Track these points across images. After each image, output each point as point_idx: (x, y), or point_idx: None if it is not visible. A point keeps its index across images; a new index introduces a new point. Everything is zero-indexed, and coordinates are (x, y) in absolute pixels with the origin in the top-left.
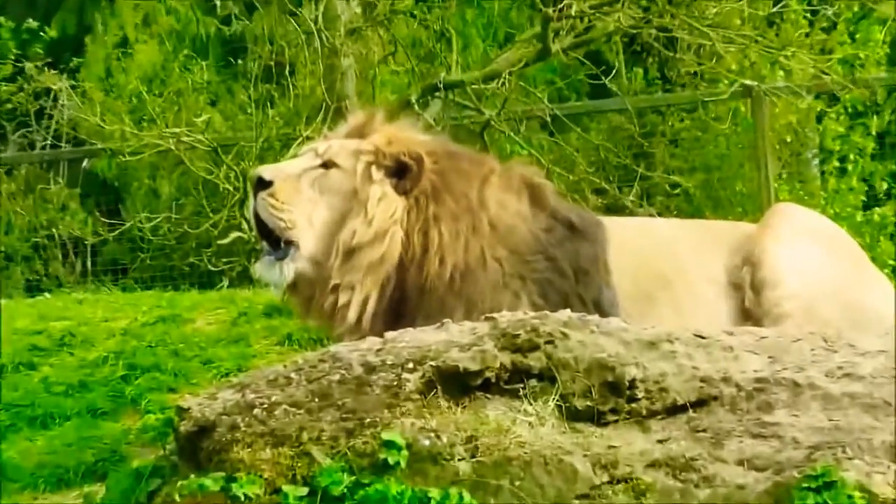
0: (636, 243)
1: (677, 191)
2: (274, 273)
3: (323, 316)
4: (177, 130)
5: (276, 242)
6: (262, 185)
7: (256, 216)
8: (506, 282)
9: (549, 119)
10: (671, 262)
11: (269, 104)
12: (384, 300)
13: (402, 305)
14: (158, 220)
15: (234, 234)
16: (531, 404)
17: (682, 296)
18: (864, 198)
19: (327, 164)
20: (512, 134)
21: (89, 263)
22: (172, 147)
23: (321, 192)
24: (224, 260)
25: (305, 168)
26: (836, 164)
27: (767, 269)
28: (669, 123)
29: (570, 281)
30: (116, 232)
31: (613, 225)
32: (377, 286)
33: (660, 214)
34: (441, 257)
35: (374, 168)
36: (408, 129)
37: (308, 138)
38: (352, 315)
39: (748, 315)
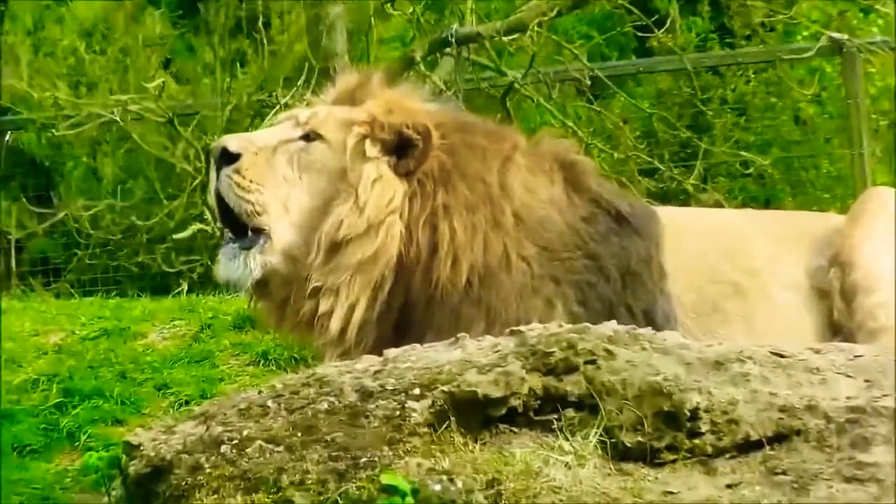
0: (699, 241)
1: (749, 170)
2: (236, 266)
3: (299, 325)
4: (123, 97)
5: (243, 231)
6: (227, 158)
7: (219, 198)
8: (536, 286)
9: (587, 82)
10: (743, 265)
11: (237, 64)
12: (375, 308)
13: (406, 317)
14: (99, 208)
15: (195, 227)
16: (568, 440)
17: (756, 306)
18: None
19: (310, 136)
20: (541, 100)
21: (13, 263)
22: (117, 118)
23: (301, 171)
24: (182, 259)
25: (282, 140)
26: None
27: (860, 273)
28: (732, 87)
29: (615, 285)
30: (47, 223)
31: (671, 217)
32: (367, 290)
33: (725, 201)
34: (454, 257)
35: (368, 142)
36: (411, 95)
37: (286, 106)
38: (334, 325)
39: (837, 328)
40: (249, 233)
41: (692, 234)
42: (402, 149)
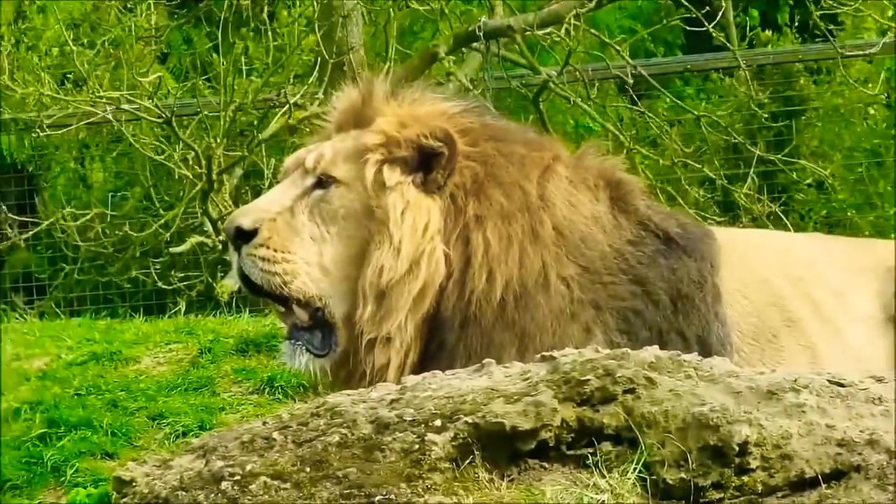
0: (759, 264)
1: (808, 180)
2: (303, 362)
3: (363, 381)
4: (114, 95)
5: (283, 301)
6: (244, 237)
7: (245, 279)
8: (574, 311)
9: (629, 81)
10: (807, 291)
11: (242, 58)
12: (425, 341)
13: (437, 339)
14: (88, 217)
15: (194, 240)
16: (604, 477)
17: (820, 336)
18: None
19: (323, 181)
20: (578, 101)
21: None
22: (109, 117)
23: (327, 224)
24: (180, 275)
25: (296, 196)
26: None
27: None
28: (797, 88)
29: (665, 311)
30: (30, 233)
31: (728, 239)
32: (420, 328)
33: (784, 214)
34: (489, 271)
35: (386, 168)
36: (425, 100)
37: (296, 105)
38: (391, 375)
39: None
40: (294, 308)
41: (756, 258)
42: (426, 162)
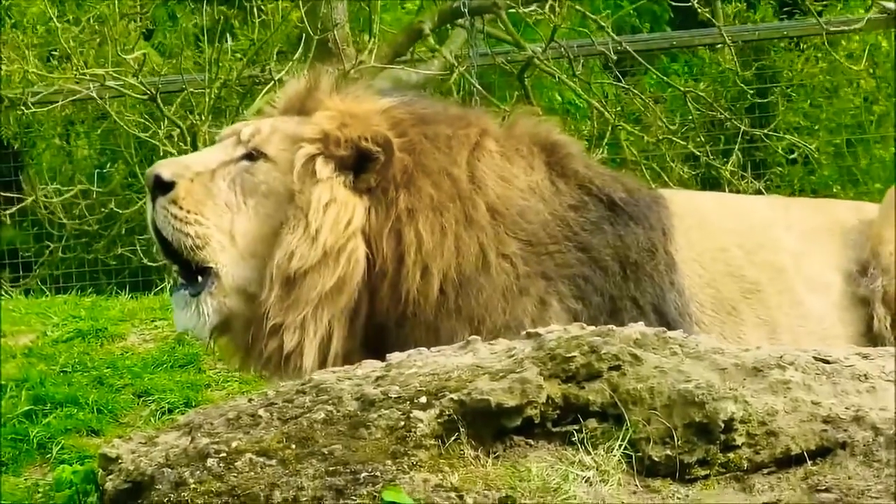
0: (716, 231)
1: (793, 155)
2: (189, 315)
3: (268, 365)
4: (99, 72)
5: (190, 267)
6: (162, 187)
7: (157, 231)
8: (522, 285)
9: (614, 57)
10: (765, 259)
11: (226, 35)
12: (357, 334)
13: (378, 339)
14: (73, 194)
15: None
16: (589, 453)
17: (779, 309)
18: None
19: (253, 155)
20: (563, 77)
21: None
22: (93, 94)
23: (245, 195)
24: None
25: (223, 161)
26: None
27: None
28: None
29: (615, 278)
30: (14, 209)
31: (684, 204)
32: (342, 319)
33: (766, 190)
34: (424, 267)
35: (319, 161)
36: (364, 98)
37: (280, 81)
38: (307, 361)
39: (878, 340)
40: (194, 268)
41: (713, 224)
42: (361, 164)
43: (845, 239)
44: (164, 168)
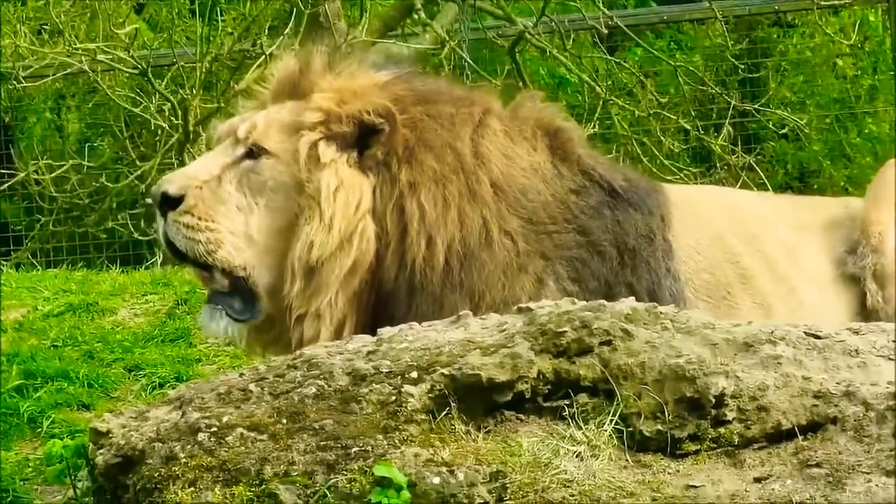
0: (712, 220)
1: (784, 131)
2: (222, 326)
3: (287, 350)
4: (90, 46)
5: (207, 268)
6: (170, 203)
7: (171, 245)
8: (522, 263)
9: (605, 32)
10: (760, 248)
11: (217, 9)
12: (367, 312)
13: (385, 312)
14: (64, 168)
15: None
16: (580, 428)
17: (774, 294)
18: None
19: (254, 152)
20: (554, 52)
21: None
22: (85, 68)
23: (255, 195)
24: (156, 226)
25: (226, 164)
26: None
27: (890, 260)
28: (772, 36)
29: (612, 263)
30: (5, 185)
31: (680, 195)
32: (353, 302)
33: (758, 165)
34: (428, 237)
35: (322, 145)
36: (360, 73)
37: (270, 56)
38: None
39: (870, 317)
40: (216, 275)
41: (708, 214)
42: (363, 138)
43: (835, 228)
44: (171, 184)
